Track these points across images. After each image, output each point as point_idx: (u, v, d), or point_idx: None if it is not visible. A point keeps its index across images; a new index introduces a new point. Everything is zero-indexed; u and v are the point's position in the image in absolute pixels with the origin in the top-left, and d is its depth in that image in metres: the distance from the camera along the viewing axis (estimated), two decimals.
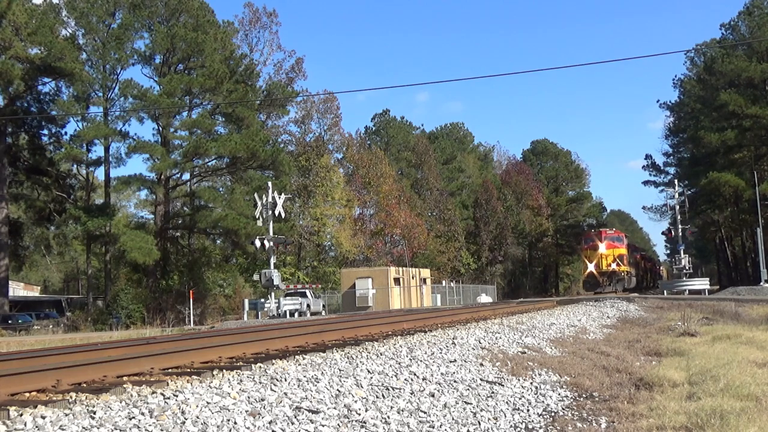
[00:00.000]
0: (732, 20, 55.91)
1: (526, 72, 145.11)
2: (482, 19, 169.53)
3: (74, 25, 41.72)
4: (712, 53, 56.53)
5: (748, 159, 53.61)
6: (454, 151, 77.80)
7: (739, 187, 51.09)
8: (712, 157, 55.13)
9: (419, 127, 76.85)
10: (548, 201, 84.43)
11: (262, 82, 50.87)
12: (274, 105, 50.60)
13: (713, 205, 60.30)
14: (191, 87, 41.43)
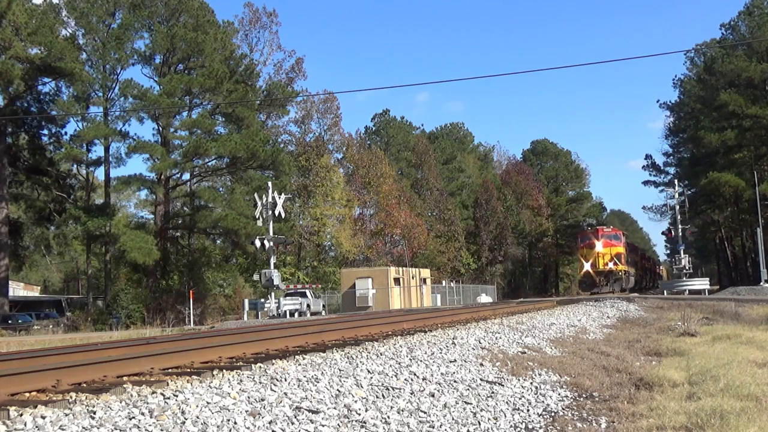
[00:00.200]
0: (732, 20, 56.03)
1: (526, 72, 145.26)
2: (482, 19, 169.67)
3: (74, 25, 41.80)
4: (712, 53, 56.53)
5: (748, 159, 53.62)
6: (454, 151, 77.81)
7: (739, 187, 51.10)
8: (712, 157, 55.13)
9: (419, 127, 77.07)
10: (548, 201, 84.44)
11: (262, 82, 51.00)
12: (274, 105, 50.61)
13: (713, 205, 60.29)
14: (191, 87, 41.46)
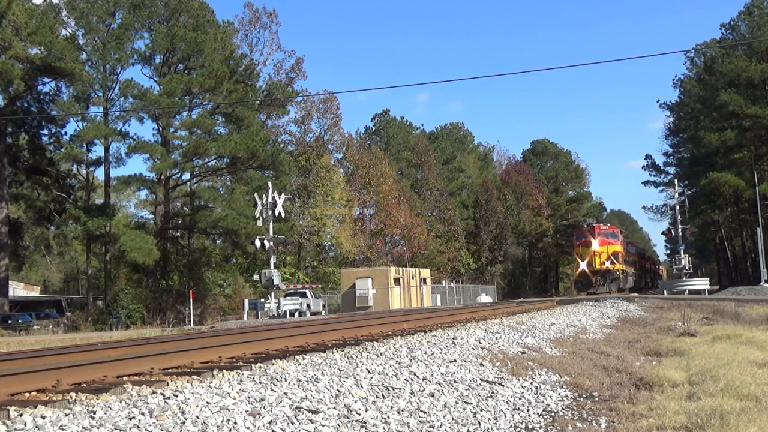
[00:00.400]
0: (732, 20, 55.99)
1: (526, 72, 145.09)
2: (482, 19, 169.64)
3: (74, 25, 41.79)
4: (712, 53, 56.55)
5: (748, 159, 53.62)
6: (454, 151, 77.80)
7: (739, 187, 51.10)
8: (712, 157, 55.12)
9: (419, 127, 77.06)
10: (548, 201, 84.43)
11: (262, 82, 50.97)
12: (274, 105, 50.60)
13: (713, 205, 60.29)
14: (191, 87, 41.45)
